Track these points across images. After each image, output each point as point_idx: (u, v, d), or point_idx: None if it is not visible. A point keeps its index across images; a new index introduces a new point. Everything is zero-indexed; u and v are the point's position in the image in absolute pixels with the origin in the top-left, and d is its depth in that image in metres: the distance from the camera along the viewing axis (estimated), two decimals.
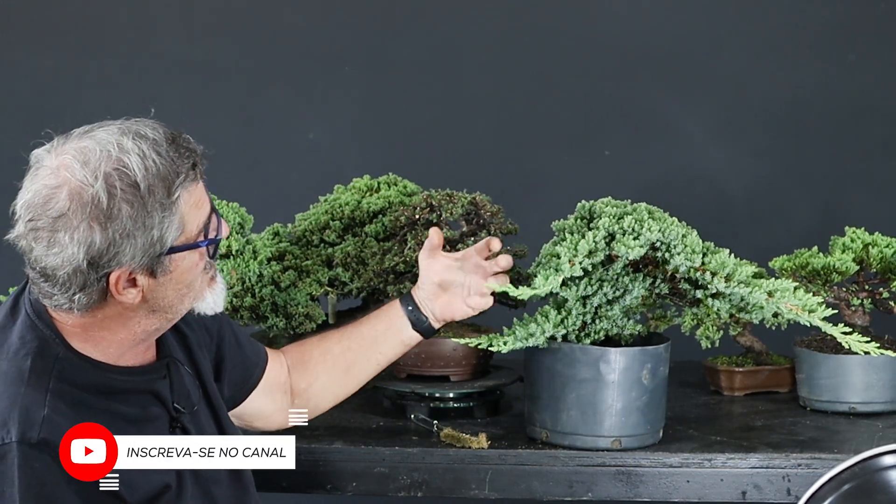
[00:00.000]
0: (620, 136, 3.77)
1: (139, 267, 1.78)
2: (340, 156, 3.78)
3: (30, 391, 1.75)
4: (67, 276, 1.76)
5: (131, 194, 1.74)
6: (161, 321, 1.87)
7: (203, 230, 1.83)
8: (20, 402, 1.74)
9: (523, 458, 2.24)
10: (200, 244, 1.83)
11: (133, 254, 1.76)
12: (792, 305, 2.15)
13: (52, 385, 1.76)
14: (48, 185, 1.77)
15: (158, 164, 1.76)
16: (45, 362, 1.78)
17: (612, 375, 2.21)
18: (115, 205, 1.74)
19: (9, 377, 1.77)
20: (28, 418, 1.73)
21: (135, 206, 1.74)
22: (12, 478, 1.71)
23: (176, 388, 1.94)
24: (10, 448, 1.71)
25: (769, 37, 3.73)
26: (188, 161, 1.80)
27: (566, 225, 2.30)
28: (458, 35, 3.79)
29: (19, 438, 1.71)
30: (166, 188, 1.76)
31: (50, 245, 1.75)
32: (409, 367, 2.47)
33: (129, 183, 1.75)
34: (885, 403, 2.49)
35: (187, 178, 1.79)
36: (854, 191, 3.70)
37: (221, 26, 3.83)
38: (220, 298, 1.91)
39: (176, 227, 1.78)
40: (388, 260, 2.48)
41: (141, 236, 1.76)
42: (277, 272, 2.56)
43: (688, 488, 2.23)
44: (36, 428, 1.72)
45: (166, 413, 1.91)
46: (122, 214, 1.74)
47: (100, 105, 3.81)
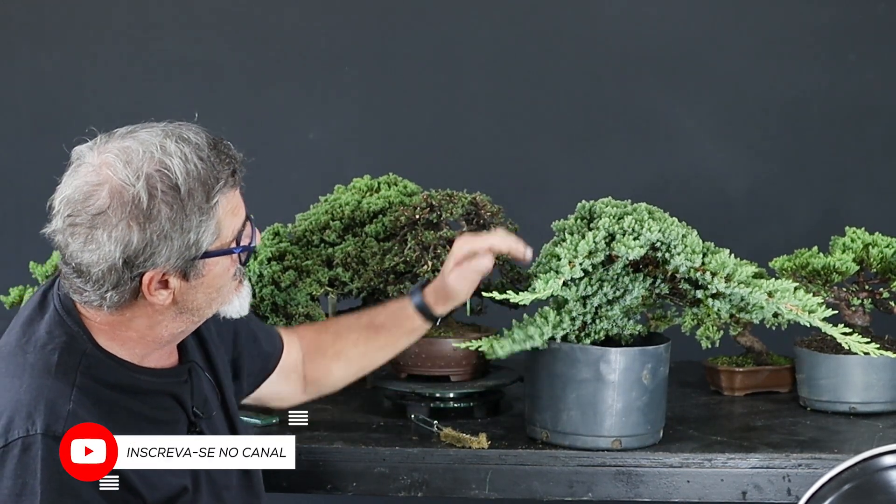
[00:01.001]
0: (620, 136, 3.77)
1: (173, 269, 1.79)
2: (340, 156, 3.78)
3: (56, 385, 1.76)
4: (102, 274, 1.77)
5: (171, 196, 1.75)
6: (188, 324, 1.89)
7: (237, 237, 1.84)
8: (46, 394, 1.75)
9: (523, 458, 2.24)
10: (234, 250, 1.84)
11: (168, 255, 1.77)
12: (792, 306, 2.15)
13: (77, 380, 1.78)
14: (89, 182, 1.77)
15: (199, 168, 1.78)
16: (71, 357, 1.80)
17: (613, 375, 2.21)
18: (154, 206, 1.75)
19: (36, 370, 1.78)
20: (53, 411, 1.74)
21: (174, 208, 1.75)
22: (35, 469, 1.72)
23: (196, 392, 1.96)
24: (34, 440, 1.73)
25: (769, 37, 3.73)
26: (228, 167, 1.81)
27: (566, 225, 2.30)
28: (458, 35, 3.79)
29: (44, 431, 1.73)
30: (206, 192, 1.78)
31: (87, 242, 1.76)
32: (409, 367, 2.47)
33: (169, 185, 1.75)
34: (886, 403, 2.49)
35: (226, 184, 1.80)
36: (854, 191, 3.70)
37: (221, 26, 3.83)
38: (245, 303, 1.93)
39: (212, 231, 1.79)
40: (388, 260, 2.48)
41: (178, 239, 1.77)
42: (277, 272, 2.56)
43: (688, 488, 2.23)
44: (61, 422, 1.74)
45: (185, 417, 1.93)
46: (160, 216, 1.75)
47: (100, 105, 3.81)
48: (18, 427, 1.74)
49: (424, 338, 2.44)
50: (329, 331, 2.29)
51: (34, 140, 3.83)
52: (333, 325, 2.31)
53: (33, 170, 3.82)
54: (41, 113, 3.83)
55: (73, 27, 3.83)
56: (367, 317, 2.27)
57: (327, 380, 2.28)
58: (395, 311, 2.24)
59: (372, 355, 2.27)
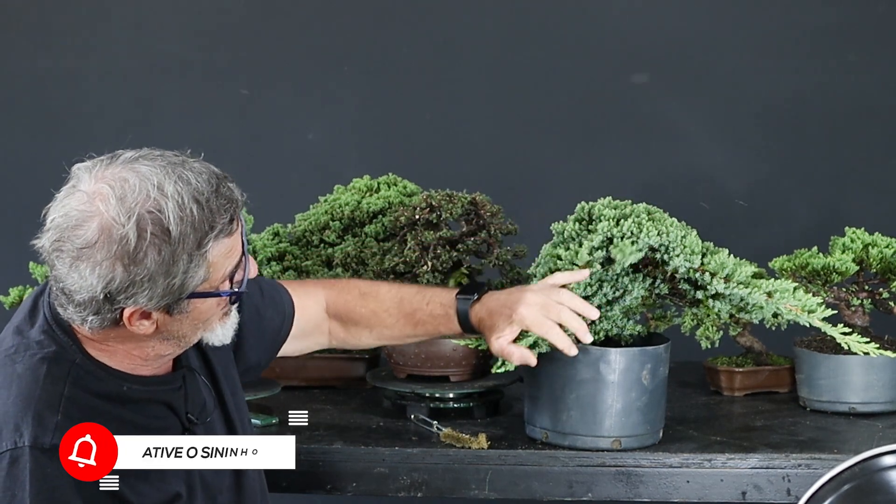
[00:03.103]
0: (620, 136, 3.76)
1: (155, 308, 1.76)
2: (340, 156, 3.78)
3: (44, 396, 1.75)
4: (83, 300, 1.74)
5: (161, 240, 1.71)
6: (174, 347, 1.87)
7: (230, 277, 1.81)
8: (34, 406, 1.74)
9: (523, 459, 2.24)
10: (223, 294, 1.81)
11: (151, 296, 1.74)
12: (792, 306, 2.16)
13: (66, 391, 1.77)
14: (80, 211, 1.73)
15: (195, 214, 1.73)
16: (60, 368, 1.78)
17: (612, 376, 2.21)
18: (142, 248, 1.71)
19: (24, 381, 1.77)
20: (41, 423, 1.73)
21: (162, 252, 1.71)
22: (24, 482, 1.71)
23: (190, 397, 1.94)
24: (22, 452, 1.71)
25: (769, 37, 3.72)
26: (226, 214, 1.76)
27: (565, 227, 2.30)
28: (458, 35, 3.79)
29: (32, 443, 1.72)
30: (198, 240, 1.73)
31: (71, 269, 1.73)
32: (409, 367, 2.47)
33: (161, 229, 1.71)
34: (885, 403, 2.49)
35: (222, 231, 1.76)
36: (854, 191, 3.70)
37: (221, 26, 3.83)
38: (229, 332, 1.89)
39: (201, 276, 1.76)
40: (387, 260, 2.48)
41: (163, 282, 1.73)
42: (277, 272, 2.56)
43: (688, 488, 2.23)
44: (49, 433, 1.73)
45: (179, 423, 1.91)
46: (147, 259, 1.71)
47: (100, 105, 3.81)
48: (6, 439, 1.72)
49: None
50: (366, 305, 2.22)
51: (34, 140, 3.83)
52: (372, 300, 2.23)
53: (33, 170, 3.83)
54: (41, 113, 3.83)
55: (73, 27, 3.82)
56: (407, 304, 2.21)
57: (356, 341, 2.26)
58: (437, 316, 2.19)
59: (405, 339, 2.26)
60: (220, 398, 2.03)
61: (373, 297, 2.23)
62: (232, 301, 1.85)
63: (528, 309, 2.09)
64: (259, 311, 2.14)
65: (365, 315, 2.23)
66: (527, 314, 2.09)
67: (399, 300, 2.22)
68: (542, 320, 2.09)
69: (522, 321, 2.09)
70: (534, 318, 2.09)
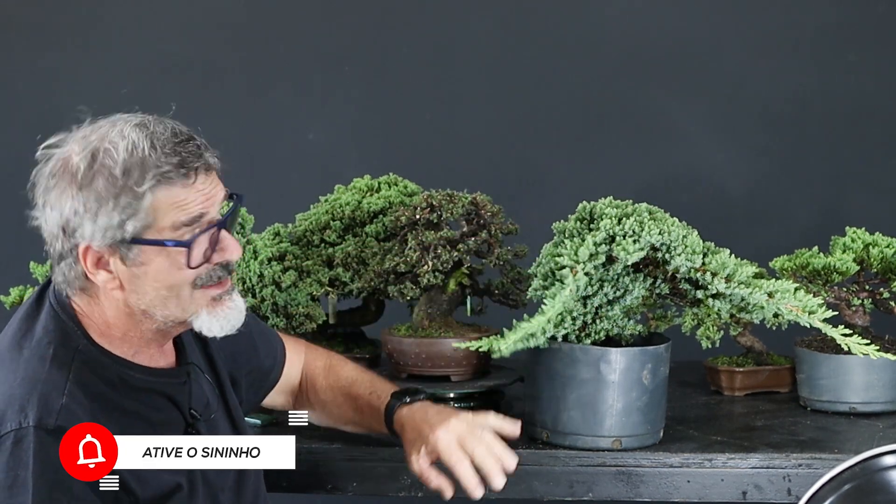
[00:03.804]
0: (620, 136, 3.76)
1: (102, 247, 1.80)
2: (340, 156, 3.78)
3: (50, 378, 1.78)
4: (50, 241, 1.84)
5: (108, 171, 1.79)
6: (161, 324, 1.87)
7: (180, 233, 1.82)
8: (40, 388, 1.76)
9: (524, 458, 2.24)
10: (165, 243, 1.81)
11: (94, 230, 1.79)
12: (792, 306, 2.16)
13: (71, 374, 1.79)
14: (55, 152, 1.87)
15: (146, 153, 1.79)
16: (66, 352, 1.81)
17: (613, 375, 2.21)
18: (89, 175, 1.79)
19: (30, 364, 1.79)
20: (46, 405, 1.75)
21: (108, 182, 1.78)
22: (27, 462, 1.73)
23: (194, 394, 1.96)
24: (27, 433, 1.73)
25: (769, 37, 3.72)
26: (180, 160, 1.80)
27: (566, 226, 2.30)
28: (459, 35, 3.79)
29: (36, 423, 1.74)
30: (141, 176, 1.78)
31: (41, 206, 1.85)
32: (409, 367, 2.47)
33: (111, 160, 1.79)
34: (886, 403, 2.49)
35: (169, 173, 1.79)
36: (854, 191, 3.70)
37: (221, 26, 3.83)
38: (217, 324, 1.89)
39: (142, 217, 1.79)
40: (388, 260, 2.48)
41: (104, 214, 1.78)
42: (278, 272, 2.56)
43: (688, 488, 2.23)
44: (53, 415, 1.75)
45: (182, 418, 1.93)
46: (93, 186, 1.79)
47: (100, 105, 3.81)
48: (11, 420, 1.75)
49: (424, 338, 2.45)
50: (327, 378, 2.27)
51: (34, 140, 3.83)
52: (332, 376, 2.27)
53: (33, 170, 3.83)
54: (41, 113, 3.83)
55: (73, 27, 3.82)
56: (356, 388, 2.23)
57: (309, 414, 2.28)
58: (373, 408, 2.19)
59: (346, 423, 2.27)
60: (224, 398, 2.04)
61: (334, 374, 2.27)
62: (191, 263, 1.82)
63: (447, 434, 2.05)
64: (255, 345, 2.17)
65: (322, 388, 2.26)
66: (442, 438, 2.04)
67: (352, 382, 2.24)
68: (454, 449, 2.03)
69: (436, 444, 2.04)
70: (447, 444, 2.04)
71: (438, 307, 2.48)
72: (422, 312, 2.48)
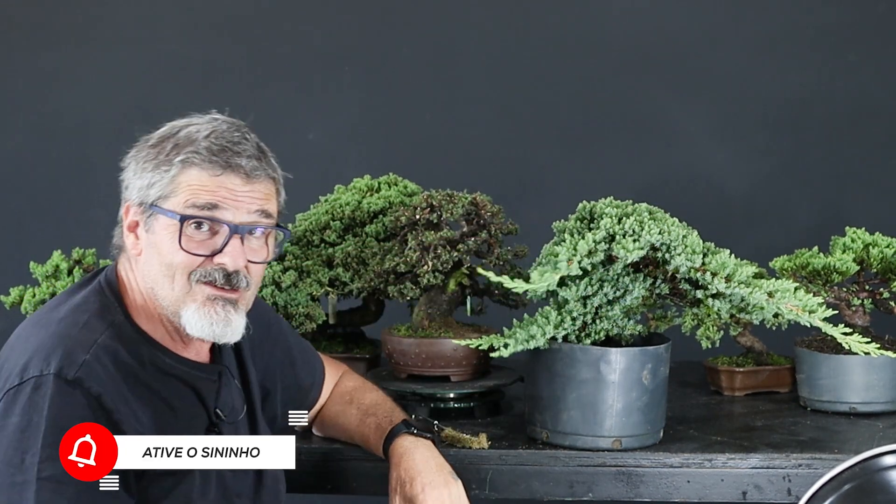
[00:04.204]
0: (620, 136, 3.77)
1: (135, 205, 1.92)
2: (340, 156, 3.78)
3: (79, 338, 1.84)
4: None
5: (159, 139, 1.94)
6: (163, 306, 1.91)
7: (187, 209, 1.89)
8: (66, 343, 1.83)
9: (524, 459, 2.24)
10: (169, 214, 1.89)
11: (133, 189, 1.93)
12: (792, 306, 2.15)
13: (101, 339, 1.85)
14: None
15: (195, 136, 1.92)
16: (101, 322, 1.89)
17: (613, 376, 2.21)
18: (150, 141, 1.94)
19: (64, 323, 1.88)
20: (69, 357, 1.81)
21: (155, 148, 1.93)
22: (42, 407, 1.78)
23: (222, 396, 1.99)
24: (46, 380, 1.79)
25: (769, 37, 3.73)
26: (217, 151, 1.91)
27: (566, 226, 2.30)
28: (458, 35, 3.79)
29: (56, 372, 1.80)
30: (178, 149, 1.90)
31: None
32: (409, 367, 2.47)
33: (164, 135, 1.94)
34: (886, 403, 2.50)
35: (201, 157, 1.90)
36: (854, 191, 3.70)
37: (221, 26, 3.83)
38: (199, 323, 1.91)
39: (164, 185, 1.90)
40: (388, 260, 2.48)
41: (142, 175, 1.92)
42: (278, 272, 2.56)
43: (688, 488, 2.23)
44: (74, 367, 1.80)
45: (206, 415, 1.96)
46: (148, 152, 1.93)
47: (100, 105, 3.81)
48: (34, 367, 1.81)
49: (424, 338, 2.45)
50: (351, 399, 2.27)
51: (34, 140, 3.83)
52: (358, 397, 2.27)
53: (33, 170, 3.83)
54: (41, 113, 3.83)
55: (73, 27, 3.82)
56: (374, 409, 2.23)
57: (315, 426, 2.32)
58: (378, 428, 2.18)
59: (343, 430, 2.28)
60: (251, 407, 2.07)
61: (359, 395, 2.27)
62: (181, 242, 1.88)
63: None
64: (293, 360, 2.21)
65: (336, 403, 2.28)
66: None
67: (373, 403, 2.25)
68: None
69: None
70: None
71: (438, 307, 2.48)
72: (422, 312, 2.48)
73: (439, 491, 2.04)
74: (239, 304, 1.93)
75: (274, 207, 1.97)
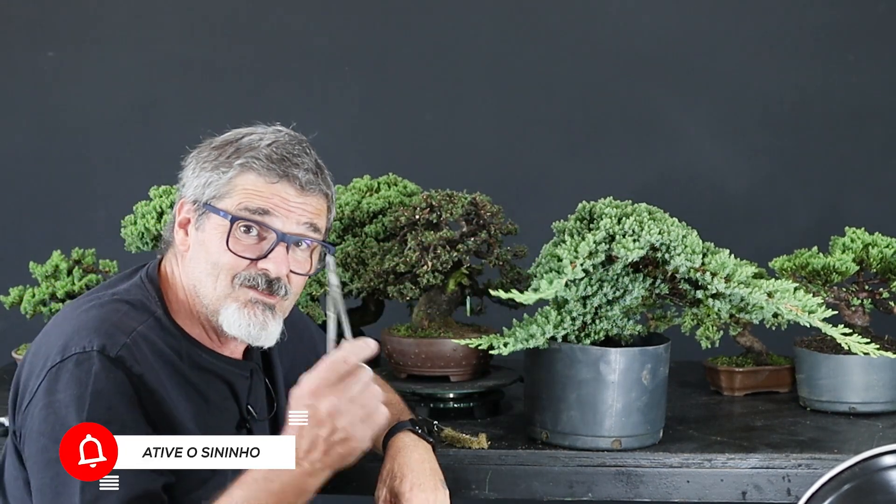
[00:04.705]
0: (620, 136, 3.77)
1: (189, 202, 1.96)
2: (340, 156, 3.76)
3: (119, 323, 1.89)
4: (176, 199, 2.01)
5: (219, 145, 1.98)
6: (202, 303, 1.95)
7: (240, 211, 1.93)
8: (108, 326, 1.87)
9: (523, 459, 2.24)
10: (221, 213, 1.93)
11: (191, 185, 1.97)
12: (792, 306, 2.16)
13: (140, 328, 1.89)
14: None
15: (253, 142, 1.96)
16: (140, 313, 1.92)
17: (613, 376, 2.21)
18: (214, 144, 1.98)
19: (104, 310, 1.91)
20: (112, 338, 1.85)
21: (217, 150, 1.97)
22: (87, 383, 1.81)
23: (253, 392, 2.03)
24: (90, 356, 1.83)
25: (769, 37, 3.73)
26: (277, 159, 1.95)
27: (566, 226, 2.30)
28: (459, 35, 3.79)
29: (100, 349, 1.83)
30: (238, 154, 1.95)
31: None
32: (409, 367, 2.47)
33: (227, 140, 1.98)
34: (886, 403, 2.50)
35: (260, 163, 1.94)
36: (854, 191, 3.70)
37: (221, 26, 3.83)
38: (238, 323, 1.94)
39: (220, 186, 1.94)
40: (388, 260, 2.48)
41: (200, 174, 1.96)
42: None
43: (688, 488, 2.23)
44: (117, 347, 1.84)
45: (238, 411, 2.00)
46: (210, 153, 1.97)
47: (100, 105, 3.81)
48: (76, 344, 1.84)
49: (424, 338, 2.45)
50: None
51: (34, 140, 3.83)
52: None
53: (33, 170, 3.83)
54: (41, 113, 3.83)
55: (73, 27, 3.83)
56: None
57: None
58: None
59: None
60: (276, 409, 2.10)
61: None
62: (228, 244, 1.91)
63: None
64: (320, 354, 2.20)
65: None
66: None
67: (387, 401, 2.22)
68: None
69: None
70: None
71: (438, 307, 2.48)
72: (421, 312, 2.48)
73: (426, 494, 2.05)
74: (277, 311, 1.97)
75: (323, 223, 2.00)
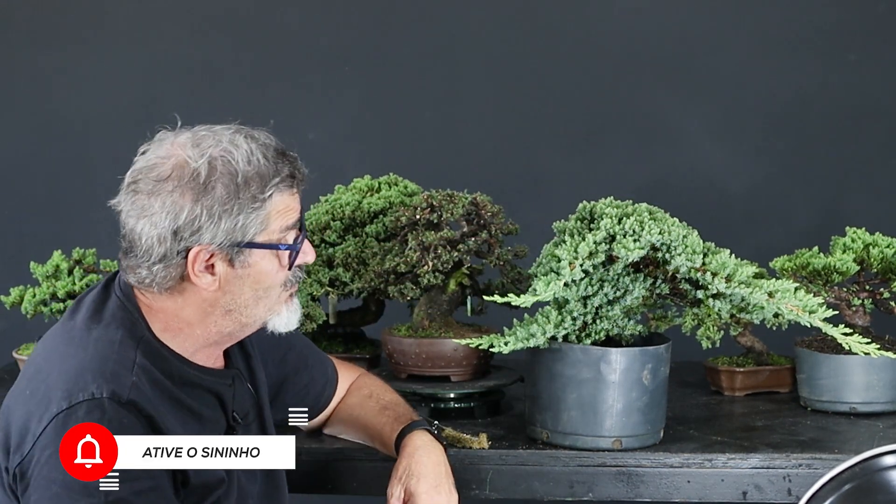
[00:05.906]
0: (620, 136, 3.77)
1: (217, 249, 1.86)
2: (340, 156, 3.78)
3: (119, 358, 1.84)
4: (151, 244, 1.85)
5: (228, 179, 1.85)
6: (236, 325, 1.94)
7: (285, 236, 1.91)
8: (111, 365, 1.83)
9: (524, 459, 2.24)
10: (279, 247, 1.90)
11: (215, 233, 1.85)
12: (792, 306, 2.15)
13: (138, 358, 1.86)
14: (158, 156, 1.87)
15: (261, 162, 1.88)
16: (132, 338, 1.88)
17: (613, 376, 2.21)
18: (211, 182, 1.84)
19: (101, 343, 1.86)
20: (119, 380, 1.82)
21: (229, 189, 1.85)
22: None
23: (237, 398, 2.02)
24: (100, 403, 1.79)
25: (769, 37, 3.73)
26: (288, 169, 1.91)
27: (567, 226, 2.30)
28: (459, 35, 3.79)
29: (110, 395, 1.80)
30: (262, 185, 1.87)
31: (144, 209, 1.85)
32: (409, 367, 2.47)
33: (230, 169, 1.85)
34: (886, 403, 2.49)
35: (283, 182, 1.89)
36: (854, 191, 3.71)
37: (221, 26, 3.83)
38: (293, 317, 1.99)
39: (260, 222, 1.88)
40: (388, 260, 2.48)
41: (226, 220, 1.85)
42: None
43: (688, 488, 2.23)
44: (126, 389, 1.81)
45: (225, 419, 1.98)
46: (215, 193, 1.84)
47: (100, 105, 3.81)
48: (84, 390, 1.80)
49: (424, 338, 2.45)
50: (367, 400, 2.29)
51: (34, 140, 3.83)
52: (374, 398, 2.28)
53: (33, 170, 3.83)
54: (41, 113, 3.83)
55: (74, 27, 3.83)
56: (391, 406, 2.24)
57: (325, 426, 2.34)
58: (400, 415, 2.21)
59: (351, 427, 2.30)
60: (260, 411, 2.09)
61: (375, 397, 2.28)
62: (289, 264, 1.92)
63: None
64: (307, 362, 2.23)
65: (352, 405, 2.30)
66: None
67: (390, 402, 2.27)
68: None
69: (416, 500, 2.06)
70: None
71: (438, 307, 2.48)
72: (422, 312, 2.48)
73: (442, 497, 2.06)
74: (295, 295, 2.00)
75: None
